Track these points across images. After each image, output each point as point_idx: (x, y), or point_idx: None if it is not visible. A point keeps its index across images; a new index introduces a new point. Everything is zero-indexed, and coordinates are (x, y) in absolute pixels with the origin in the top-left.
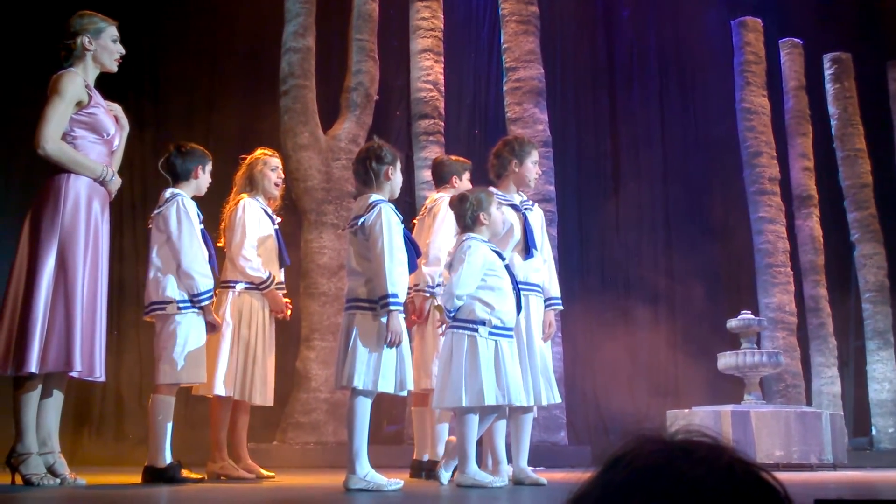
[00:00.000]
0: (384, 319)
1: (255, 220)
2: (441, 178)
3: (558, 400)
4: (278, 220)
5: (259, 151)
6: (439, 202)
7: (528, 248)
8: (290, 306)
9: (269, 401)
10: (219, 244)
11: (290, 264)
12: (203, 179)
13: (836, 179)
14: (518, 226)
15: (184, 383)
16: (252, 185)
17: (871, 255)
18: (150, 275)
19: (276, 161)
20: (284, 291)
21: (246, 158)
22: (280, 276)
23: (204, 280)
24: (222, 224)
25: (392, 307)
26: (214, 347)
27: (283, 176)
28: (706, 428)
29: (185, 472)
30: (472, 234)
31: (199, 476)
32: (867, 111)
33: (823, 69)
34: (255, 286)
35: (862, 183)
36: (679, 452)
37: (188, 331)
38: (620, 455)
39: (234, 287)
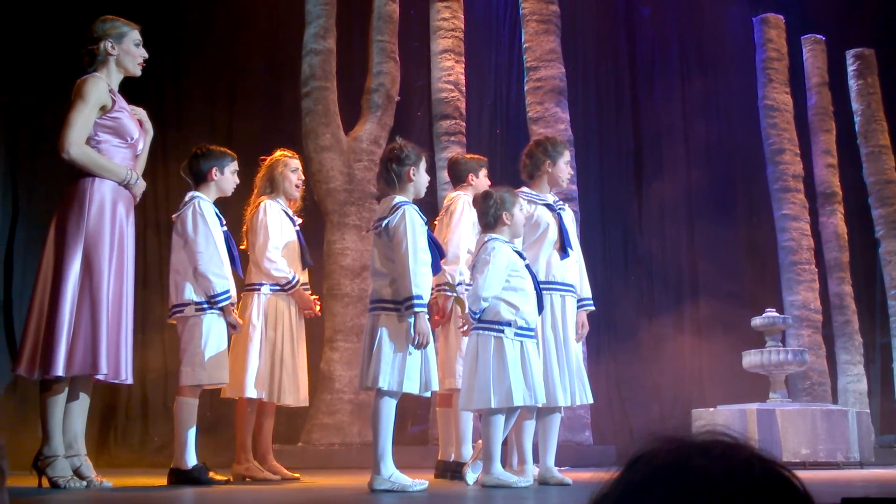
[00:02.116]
0: (410, 321)
1: (276, 221)
2: (457, 176)
3: (591, 400)
4: (299, 221)
5: (279, 153)
6: (456, 200)
7: (563, 247)
8: (319, 303)
9: (303, 401)
10: (241, 247)
11: (313, 265)
12: (223, 181)
13: (860, 176)
14: (554, 225)
15: (206, 385)
16: (272, 187)
17: (895, 251)
18: (170, 278)
19: (295, 162)
20: (310, 291)
21: (266, 160)
22: (304, 276)
23: (220, 281)
24: (244, 227)
25: (417, 308)
26: (243, 350)
27: (303, 177)
28: (727, 427)
29: (210, 474)
30: (493, 235)
31: (225, 478)
32: (891, 107)
33: (846, 65)
34: (281, 287)
35: (886, 179)
36: (697, 450)
37: (209, 332)
38: (640, 455)
39: (259, 289)
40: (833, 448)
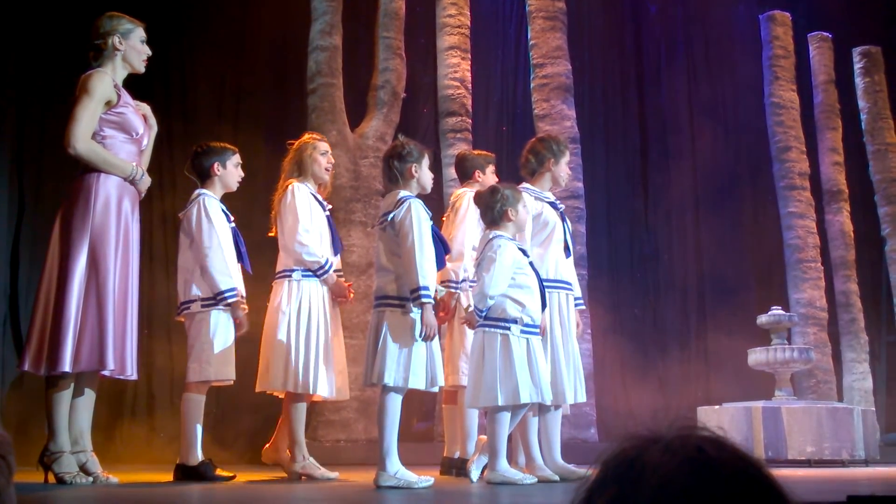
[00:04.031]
0: (416, 312)
1: (305, 204)
2: (464, 173)
3: (584, 399)
4: (329, 206)
5: (307, 136)
6: (462, 197)
7: (566, 246)
8: (352, 290)
9: (339, 394)
10: (270, 234)
11: (344, 249)
12: (227, 175)
13: (866, 174)
14: (559, 224)
15: (213, 381)
16: (301, 170)
17: None
18: (178, 276)
19: (325, 145)
20: (343, 277)
21: (293, 144)
22: (337, 262)
23: (224, 279)
24: (272, 212)
25: (424, 300)
26: (277, 342)
27: (332, 161)
28: (704, 423)
29: (216, 470)
30: (498, 232)
31: (230, 474)
32: None
33: (853, 63)
34: (313, 273)
35: (892, 177)
36: (654, 445)
37: (216, 328)
38: (606, 455)
39: (290, 276)
40: (838, 446)
